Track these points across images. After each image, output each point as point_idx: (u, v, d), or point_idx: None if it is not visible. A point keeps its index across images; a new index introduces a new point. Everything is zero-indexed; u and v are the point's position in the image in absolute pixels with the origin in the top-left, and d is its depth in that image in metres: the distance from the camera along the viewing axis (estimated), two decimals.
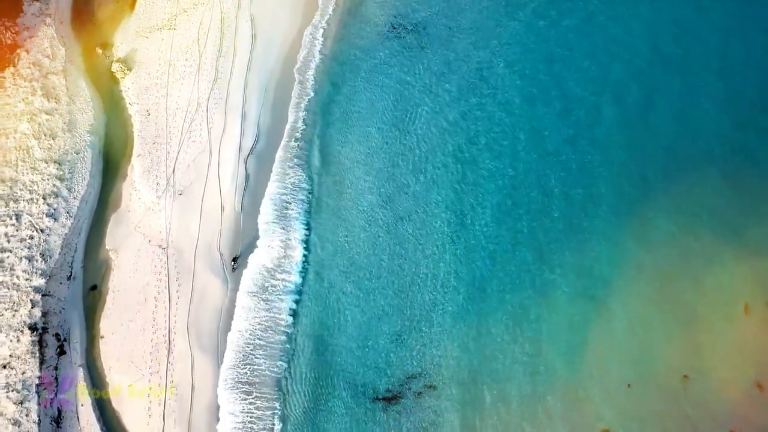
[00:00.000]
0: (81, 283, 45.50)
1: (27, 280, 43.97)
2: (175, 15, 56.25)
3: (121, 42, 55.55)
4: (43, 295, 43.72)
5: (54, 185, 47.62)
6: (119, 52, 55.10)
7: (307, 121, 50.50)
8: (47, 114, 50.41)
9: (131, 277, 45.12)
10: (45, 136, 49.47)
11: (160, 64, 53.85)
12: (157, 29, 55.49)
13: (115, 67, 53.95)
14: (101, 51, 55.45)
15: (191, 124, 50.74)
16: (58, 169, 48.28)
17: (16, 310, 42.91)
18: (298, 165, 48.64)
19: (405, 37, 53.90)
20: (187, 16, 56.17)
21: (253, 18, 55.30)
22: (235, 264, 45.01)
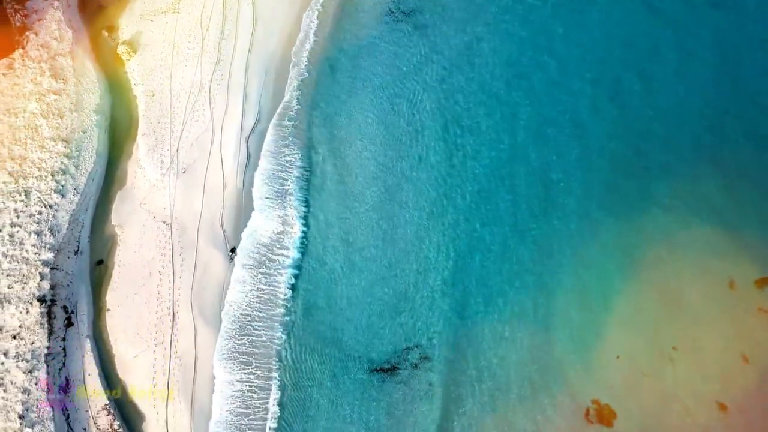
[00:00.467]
0: (88, 258, 46.63)
1: (36, 254, 45.10)
2: None
3: (127, 25, 56.47)
4: (52, 269, 44.86)
5: (62, 163, 48.71)
6: (125, 34, 55.99)
7: (302, 101, 51.22)
8: (55, 94, 51.48)
9: (136, 252, 46.35)
10: (53, 115, 50.53)
11: (164, 46, 54.78)
12: (162, 12, 56.43)
13: (121, 50, 54.93)
14: (107, 34, 56.39)
15: (194, 104, 51.80)
16: (65, 147, 49.30)
17: (25, 282, 44.07)
18: (293, 143, 49.55)
19: (402, 21, 54.51)
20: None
21: (255, 1, 56.20)
22: (233, 255, 45.85)
